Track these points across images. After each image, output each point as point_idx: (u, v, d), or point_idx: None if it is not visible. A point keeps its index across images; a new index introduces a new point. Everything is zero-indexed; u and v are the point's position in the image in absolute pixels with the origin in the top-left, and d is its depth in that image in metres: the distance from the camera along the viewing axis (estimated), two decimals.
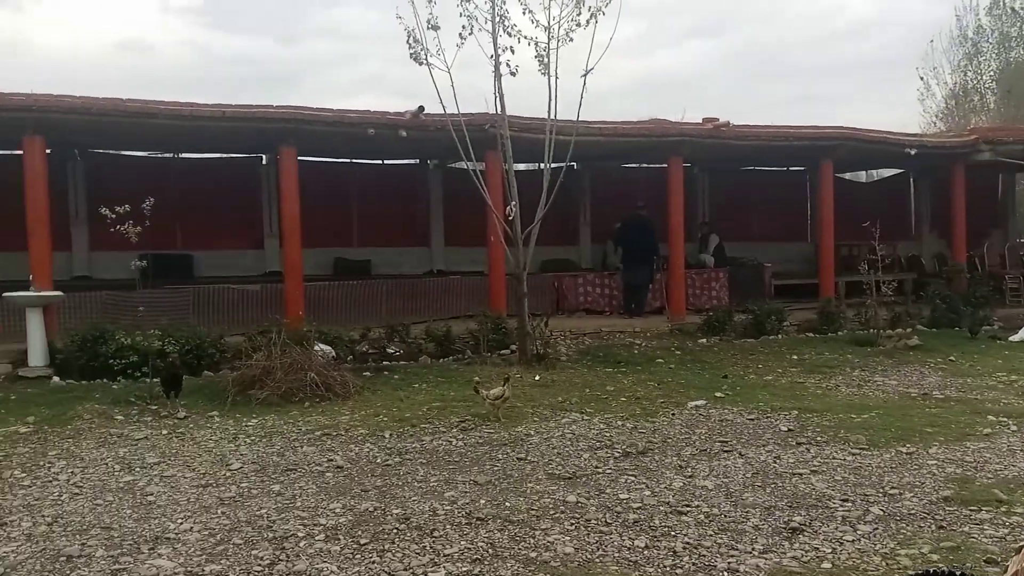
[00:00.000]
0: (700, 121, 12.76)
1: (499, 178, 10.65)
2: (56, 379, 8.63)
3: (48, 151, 9.90)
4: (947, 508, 4.70)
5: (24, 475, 5.54)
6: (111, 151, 13.25)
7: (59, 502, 4.99)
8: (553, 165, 10.07)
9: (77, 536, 4.42)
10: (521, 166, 13.73)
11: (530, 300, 10.31)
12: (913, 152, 13.47)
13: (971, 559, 3.95)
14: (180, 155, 13.68)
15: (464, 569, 4.00)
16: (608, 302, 13.48)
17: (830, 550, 4.15)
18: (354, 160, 14.66)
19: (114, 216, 7.89)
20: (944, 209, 15.24)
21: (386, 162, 15.16)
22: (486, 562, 4.08)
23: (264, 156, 13.90)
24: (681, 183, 12.76)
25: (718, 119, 12.58)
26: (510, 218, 9.94)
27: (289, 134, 10.39)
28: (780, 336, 11.78)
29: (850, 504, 4.81)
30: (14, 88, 9.47)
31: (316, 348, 8.83)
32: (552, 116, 9.94)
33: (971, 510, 4.64)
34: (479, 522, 4.63)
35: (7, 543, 4.33)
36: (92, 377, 8.64)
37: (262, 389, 7.82)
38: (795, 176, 17.26)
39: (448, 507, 4.88)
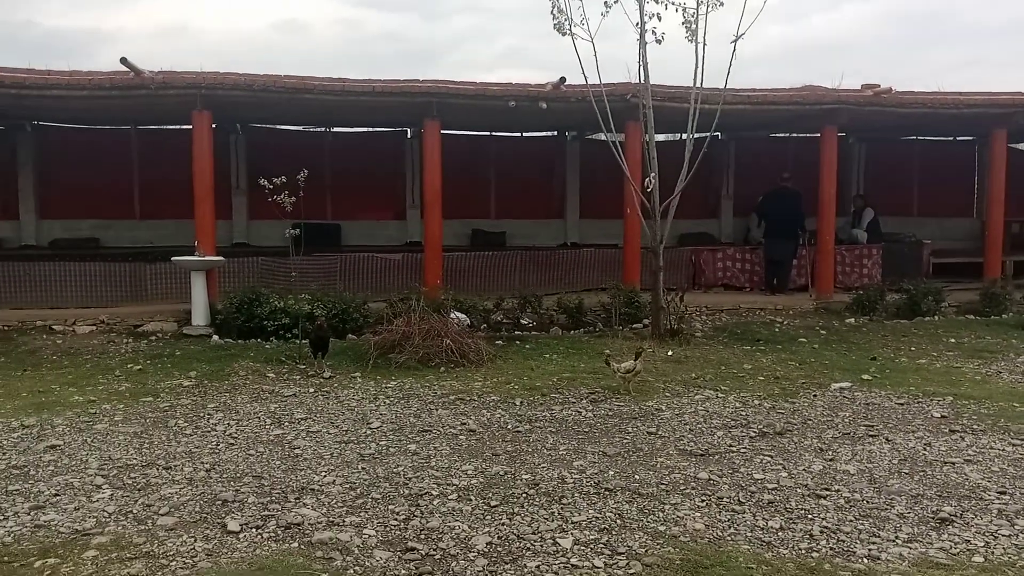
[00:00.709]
0: (859, 88, 12.00)
1: (638, 149, 10.48)
2: (216, 338, 9.35)
3: (214, 126, 10.63)
4: None
5: (186, 424, 6.06)
6: (269, 126, 14.07)
7: (216, 451, 5.42)
8: (696, 135, 9.78)
9: (231, 483, 4.79)
10: (661, 137, 13.43)
11: (666, 274, 10.11)
12: None
13: None
14: (332, 129, 14.34)
15: (592, 537, 4.03)
16: (748, 278, 13.02)
17: (983, 544, 3.86)
18: (493, 133, 14.84)
19: (271, 187, 8.39)
20: None
21: (524, 135, 15.25)
22: (614, 532, 4.09)
23: (409, 130, 14.34)
24: (835, 154, 12.07)
25: (879, 85, 11.77)
26: (648, 190, 9.76)
27: (433, 107, 10.64)
28: (937, 318, 10.97)
29: (1008, 497, 4.45)
30: (184, 68, 10.22)
31: (452, 316, 9.08)
32: (698, 84, 9.64)
33: None
34: (607, 492, 4.63)
35: (172, 485, 4.76)
36: (247, 337, 9.29)
37: (401, 353, 8.13)
38: (961, 147, 15.94)
39: (577, 476, 4.92)
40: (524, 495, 4.59)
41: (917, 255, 13.36)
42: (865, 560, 3.73)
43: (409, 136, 14.44)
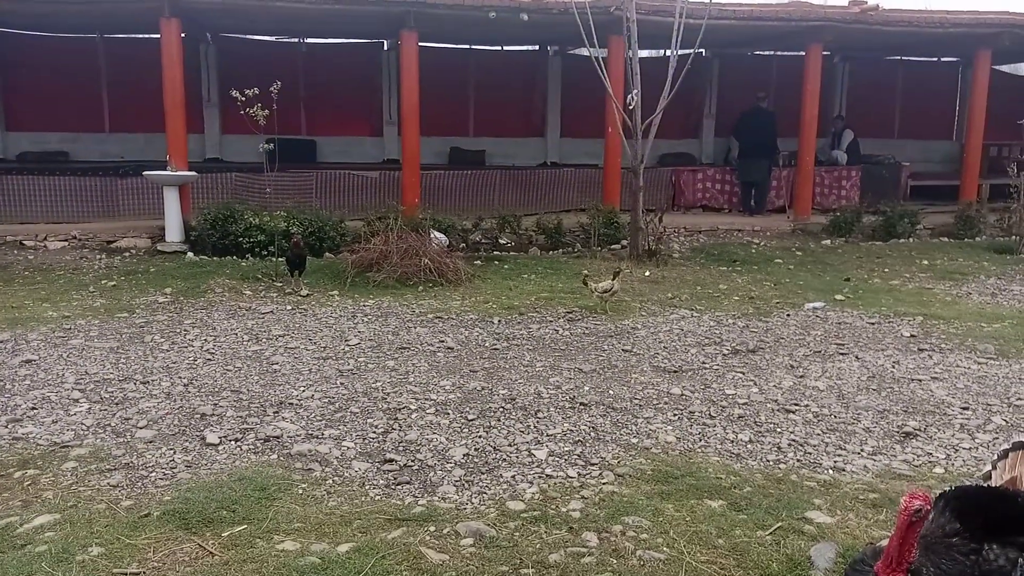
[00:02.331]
0: (846, 4, 11.76)
1: (621, 66, 10.28)
2: (190, 254, 9.25)
3: (183, 35, 10.25)
4: None
5: (163, 340, 6.04)
6: (241, 36, 13.58)
7: (194, 366, 5.43)
8: (680, 52, 9.58)
9: (210, 397, 4.82)
10: (644, 53, 13.18)
11: (645, 195, 10.08)
12: None
13: None
14: (305, 40, 13.88)
15: (567, 449, 4.12)
16: (728, 199, 13.02)
17: (944, 456, 4.01)
18: (473, 47, 14.45)
19: (243, 100, 8.15)
20: None
21: (505, 49, 14.86)
22: (588, 444, 4.19)
23: (386, 42, 13.91)
24: (819, 73, 11.90)
25: (866, 2, 11.54)
26: (630, 108, 9.63)
27: (411, 17, 10.29)
28: (912, 240, 11.11)
29: (970, 412, 4.59)
30: None
31: (431, 235, 9.03)
32: None
33: None
34: (582, 407, 4.73)
35: (150, 399, 4.78)
36: (223, 254, 9.20)
37: (379, 272, 8.11)
38: (946, 68, 15.79)
39: (552, 391, 5.00)
40: (501, 409, 4.67)
41: (895, 177, 13.40)
42: (831, 471, 3.86)
43: (386, 48, 14.02)
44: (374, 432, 4.32)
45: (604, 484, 3.71)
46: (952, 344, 6.08)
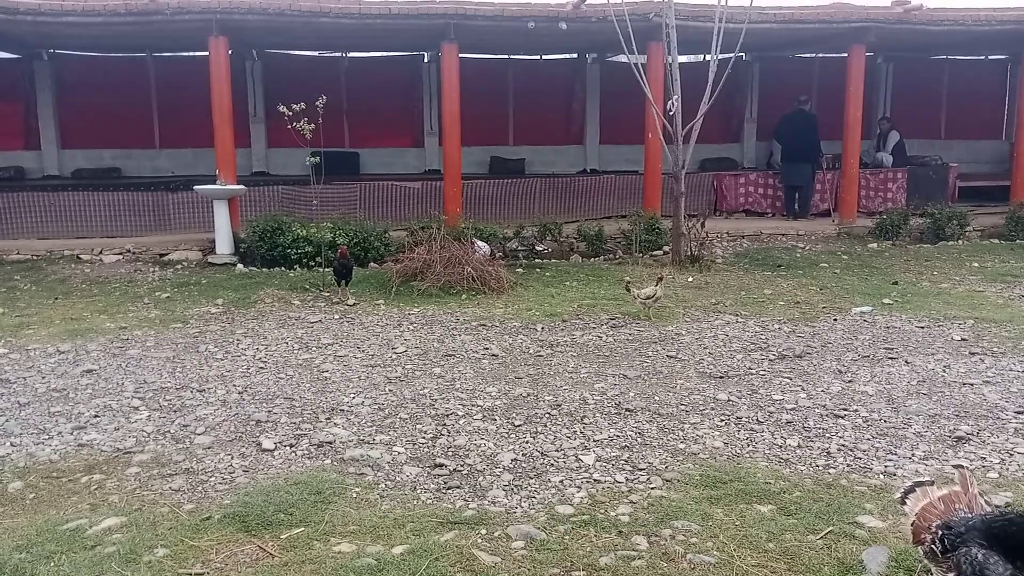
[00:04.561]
0: (889, 4, 11.60)
1: (660, 71, 10.29)
2: (240, 266, 9.48)
3: (230, 52, 10.53)
4: None
5: (217, 349, 6.22)
6: (285, 51, 13.90)
7: (247, 374, 5.58)
8: (720, 56, 9.55)
9: (264, 404, 4.95)
10: (684, 58, 13.14)
11: (687, 200, 10.08)
12: None
13: None
14: (348, 55, 14.14)
15: (613, 454, 4.15)
16: (771, 203, 12.91)
17: (998, 460, 3.95)
18: (512, 56, 14.57)
19: (290, 114, 8.35)
20: None
21: (544, 58, 14.96)
22: (635, 449, 4.21)
23: (426, 54, 14.11)
24: (862, 74, 11.75)
25: (909, 2, 11.38)
26: (671, 113, 9.63)
27: (451, 29, 10.44)
28: (961, 242, 10.90)
29: None
30: None
31: (473, 244, 9.12)
32: (723, 2, 9.38)
33: None
34: (628, 413, 4.75)
35: (206, 406, 4.93)
36: (271, 265, 9.42)
37: (423, 281, 8.23)
38: (993, 66, 15.47)
39: (598, 397, 5.03)
40: (547, 415, 4.72)
41: (943, 178, 13.15)
42: (881, 476, 3.83)
43: (426, 60, 14.22)
44: (423, 437, 4.40)
45: (652, 489, 3.74)
46: (1005, 348, 5.96)
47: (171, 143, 13.71)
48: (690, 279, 8.83)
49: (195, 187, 10.22)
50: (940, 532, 2.41)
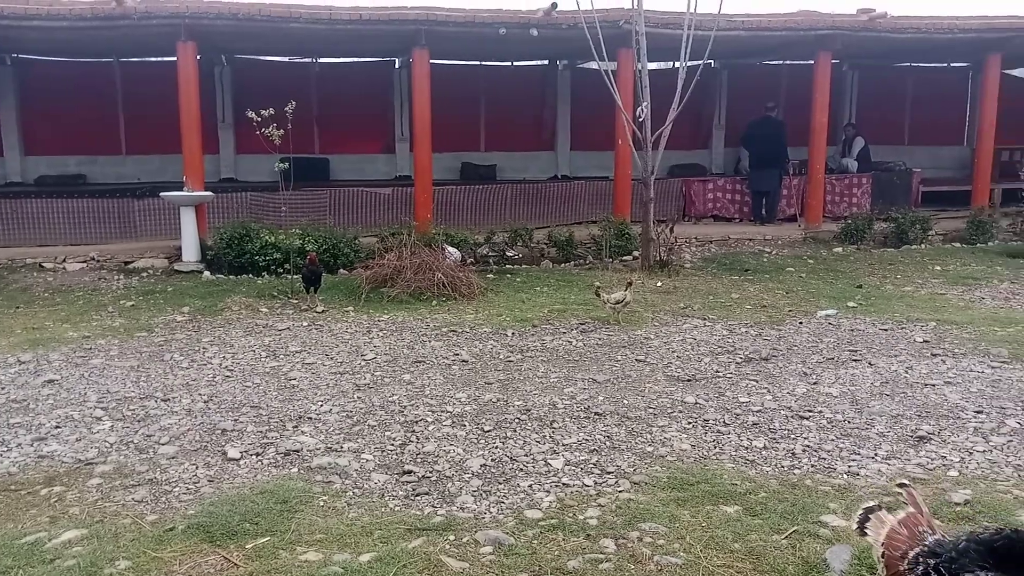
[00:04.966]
0: (854, 12, 11.81)
1: (630, 78, 10.38)
2: (207, 273, 9.37)
3: (198, 57, 10.44)
4: None
5: (182, 358, 6.13)
6: (255, 57, 13.80)
7: (213, 383, 5.51)
8: (689, 63, 9.67)
9: (230, 413, 4.89)
10: (653, 65, 13.24)
11: (656, 206, 10.16)
12: None
13: None
14: (318, 60, 14.08)
15: (582, 458, 4.17)
16: (738, 209, 13.06)
17: (958, 459, 4.02)
18: (483, 63, 14.61)
19: (258, 120, 8.29)
20: None
21: (515, 64, 15.02)
22: (603, 453, 4.23)
23: (397, 60, 14.09)
24: (828, 81, 11.95)
25: (874, 10, 11.59)
26: (640, 119, 9.71)
27: (422, 35, 10.44)
28: (924, 246, 11.11)
29: (984, 416, 4.60)
30: None
31: (444, 250, 9.12)
32: (692, 9, 9.50)
33: None
34: (597, 417, 4.77)
35: (171, 416, 4.86)
36: (239, 272, 9.33)
37: (393, 287, 8.20)
38: (955, 73, 15.80)
39: (567, 402, 5.05)
40: (516, 420, 4.72)
41: (906, 184, 13.40)
42: (845, 476, 3.88)
43: (397, 66, 14.21)
44: (392, 444, 4.38)
45: (620, 492, 3.75)
46: (965, 349, 6.08)
47: (138, 149, 13.55)
48: (659, 284, 8.90)
49: (161, 194, 10.10)
50: (930, 562, 2.22)
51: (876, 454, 4.12)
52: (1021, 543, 2.08)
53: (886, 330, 6.76)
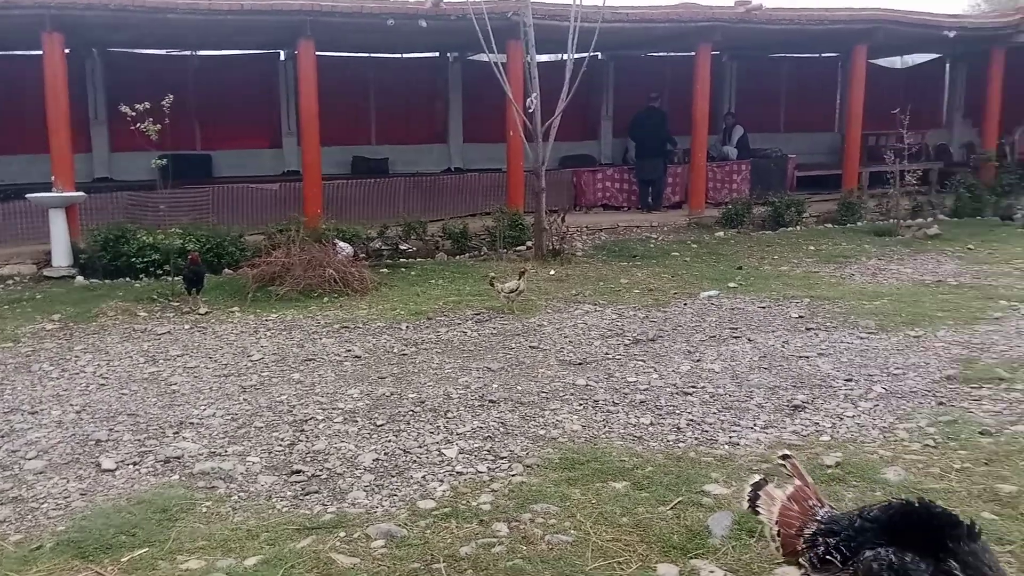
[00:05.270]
0: (732, 4, 12.26)
1: (520, 70, 10.44)
2: (80, 278, 8.84)
3: (67, 51, 9.81)
4: (949, 386, 4.77)
5: (52, 368, 5.77)
6: (129, 50, 13.08)
7: (87, 392, 5.21)
8: (576, 55, 9.81)
9: (105, 422, 4.64)
10: (543, 57, 13.37)
11: (548, 196, 10.28)
12: (952, 35, 12.86)
13: (966, 431, 4.04)
14: (198, 53, 13.49)
15: (476, 445, 4.18)
16: (627, 197, 13.37)
17: (830, 425, 4.26)
18: (372, 55, 14.37)
19: (134, 115, 7.87)
20: (978, 96, 14.69)
21: (405, 56, 14.85)
22: (497, 439, 4.25)
23: (282, 52, 13.68)
24: (708, 72, 12.35)
25: (750, 2, 12.07)
26: (530, 110, 9.80)
27: (307, 26, 10.14)
28: (799, 228, 11.70)
29: (853, 383, 4.89)
30: None
31: (335, 245, 8.94)
32: (578, 1, 9.63)
33: (972, 387, 4.71)
34: (491, 404, 4.79)
35: (39, 429, 4.56)
36: (115, 276, 8.85)
37: (281, 285, 7.97)
38: (826, 63, 16.66)
39: (462, 391, 5.04)
40: (410, 413, 4.68)
41: (783, 169, 14.05)
42: (726, 446, 4.04)
43: (283, 58, 13.79)
44: (280, 445, 4.27)
45: (513, 476, 3.79)
46: (837, 322, 6.44)
47: (2, 149, 12.62)
48: (552, 272, 9.02)
49: (28, 196, 9.45)
50: (829, 541, 2.19)
51: (755, 424, 4.32)
52: (911, 516, 2.12)
53: (764, 307, 7.08)
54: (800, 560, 2.28)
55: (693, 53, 12.45)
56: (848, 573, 2.12)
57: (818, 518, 2.29)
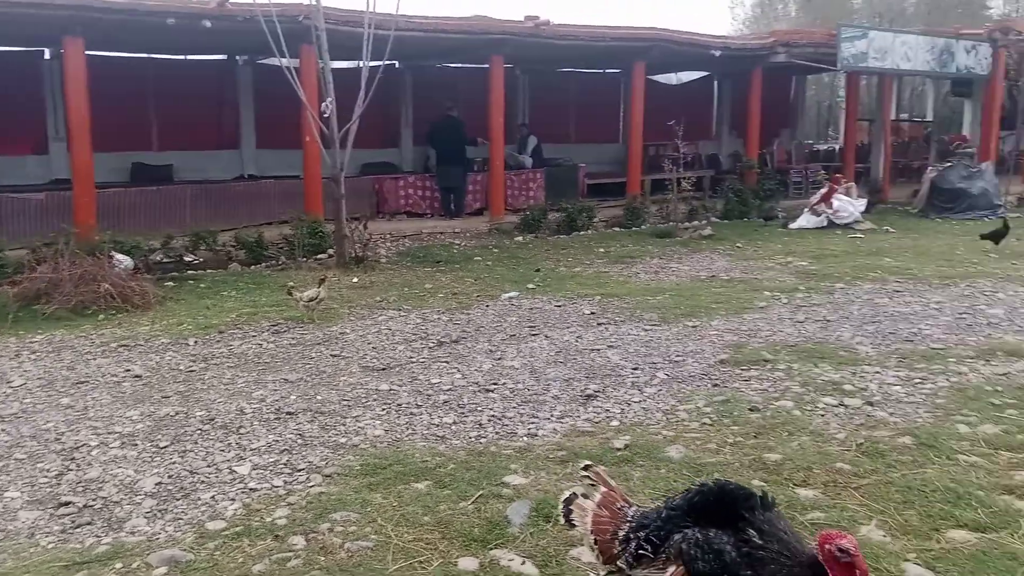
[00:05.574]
0: (523, 19, 12.68)
1: (314, 75, 10.16)
2: None
3: None
4: (722, 369, 5.21)
5: None
6: None
7: None
8: (373, 63, 9.71)
9: None
10: (340, 64, 13.14)
11: (349, 203, 10.11)
12: (718, 54, 14.13)
13: (737, 409, 4.43)
14: None
15: (272, 459, 4.00)
16: (429, 204, 13.44)
17: (619, 411, 4.51)
18: (153, 55, 13.39)
19: None
20: (742, 110, 16.26)
21: (190, 58, 13.97)
22: (295, 451, 4.09)
23: (47, 50, 12.39)
24: (502, 83, 12.70)
25: (539, 17, 12.54)
26: (326, 115, 9.58)
27: (75, 23, 9.24)
28: (590, 232, 12.34)
29: (639, 372, 5.21)
30: None
31: (112, 258, 8.22)
32: (371, 8, 9.54)
33: (742, 369, 5.18)
34: (288, 416, 4.61)
35: None
36: None
37: (49, 303, 7.21)
38: (611, 79, 17.71)
39: (256, 405, 4.81)
40: (198, 431, 4.39)
41: (574, 177, 14.77)
42: (525, 438, 4.15)
43: (48, 57, 12.49)
44: (45, 477, 3.84)
45: (312, 487, 3.66)
46: (624, 317, 6.84)
47: None
48: (355, 279, 8.86)
49: None
50: (641, 535, 2.25)
51: (552, 415, 4.48)
52: (709, 496, 2.21)
53: (560, 306, 7.39)
54: (619, 563, 2.30)
55: (487, 65, 12.76)
56: (661, 562, 2.19)
57: (628, 518, 2.34)
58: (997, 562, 2.83)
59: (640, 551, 2.23)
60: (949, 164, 14.92)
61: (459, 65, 15.56)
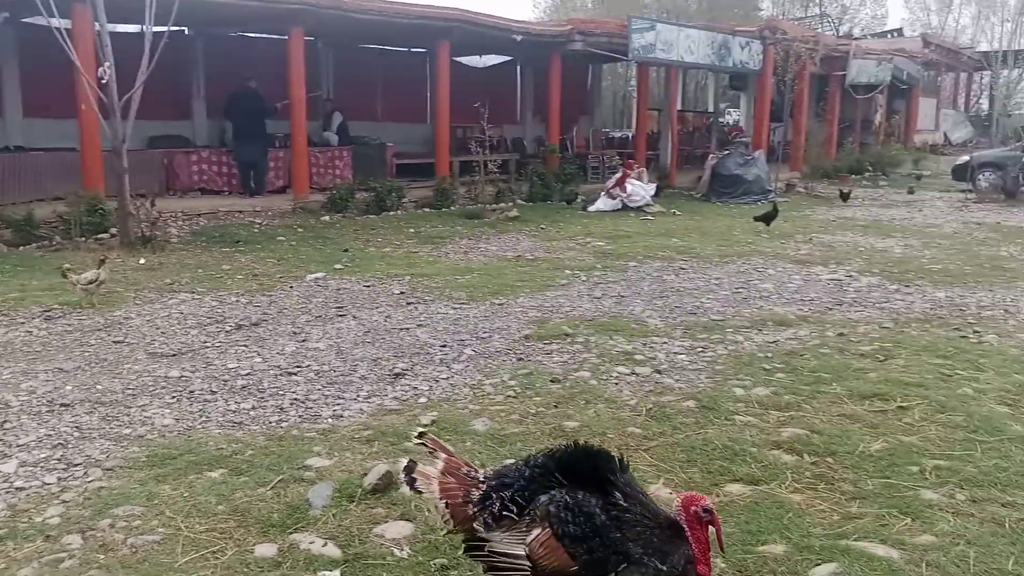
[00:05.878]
0: None
1: (91, 38, 9.22)
2: None
3: None
4: (526, 344, 5.38)
5: None
6: None
7: None
8: (158, 28, 8.96)
9: None
10: (122, 27, 12.04)
11: (135, 179, 9.35)
12: (519, 38, 14.43)
13: (540, 381, 4.59)
14: None
15: (43, 455, 3.63)
16: (227, 181, 12.70)
17: (427, 388, 4.52)
18: None
19: None
20: (544, 96, 16.78)
21: None
22: (70, 445, 3.74)
23: None
24: (302, 57, 12.18)
25: None
26: (104, 82, 8.74)
27: None
28: (400, 212, 12.24)
29: (447, 349, 5.26)
30: None
31: None
32: None
33: (544, 343, 5.37)
34: (63, 408, 4.20)
35: None
36: None
37: None
38: (416, 57, 17.58)
39: (25, 397, 4.35)
40: None
41: (382, 157, 14.56)
42: (330, 420, 4.06)
43: None
44: None
45: (90, 482, 3.36)
46: (433, 296, 6.87)
47: None
48: (142, 261, 8.22)
49: None
50: (505, 495, 2.21)
51: (359, 395, 4.40)
52: (573, 457, 2.23)
53: (369, 286, 7.27)
54: (474, 524, 2.25)
55: (287, 37, 12.22)
56: (525, 524, 2.17)
57: (480, 480, 2.30)
58: (768, 511, 3.13)
59: (504, 512, 2.19)
60: (727, 152, 16.32)
61: (258, 35, 14.77)
